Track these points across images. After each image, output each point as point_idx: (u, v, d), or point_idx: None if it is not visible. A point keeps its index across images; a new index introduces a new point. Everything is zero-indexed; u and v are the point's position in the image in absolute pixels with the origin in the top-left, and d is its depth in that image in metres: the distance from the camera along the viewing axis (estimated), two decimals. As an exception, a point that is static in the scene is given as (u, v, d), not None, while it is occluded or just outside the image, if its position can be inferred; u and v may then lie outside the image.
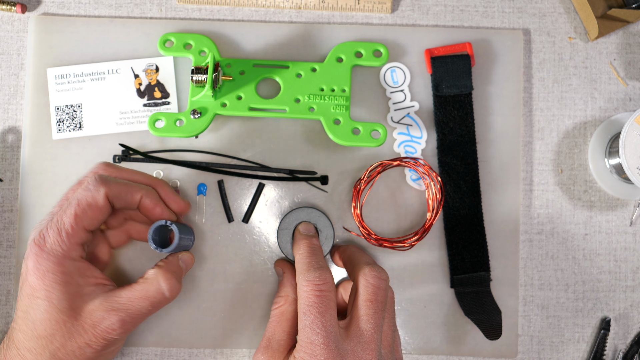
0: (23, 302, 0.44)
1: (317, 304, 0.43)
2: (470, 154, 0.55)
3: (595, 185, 0.57)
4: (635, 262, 0.56)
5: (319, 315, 0.43)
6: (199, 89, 0.53)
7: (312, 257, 0.47)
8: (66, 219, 0.44)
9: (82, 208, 0.45)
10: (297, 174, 0.55)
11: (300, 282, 0.44)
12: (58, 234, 0.44)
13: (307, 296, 0.43)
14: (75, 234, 0.45)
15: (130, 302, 0.45)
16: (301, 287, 0.44)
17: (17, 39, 0.57)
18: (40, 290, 0.43)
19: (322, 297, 0.43)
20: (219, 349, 0.55)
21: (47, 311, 0.43)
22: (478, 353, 0.55)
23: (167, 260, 0.49)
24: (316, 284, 0.44)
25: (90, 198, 0.45)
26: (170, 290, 0.47)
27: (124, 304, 0.45)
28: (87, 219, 0.45)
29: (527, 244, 0.56)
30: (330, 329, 0.42)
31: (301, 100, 0.54)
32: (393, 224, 0.55)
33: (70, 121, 0.55)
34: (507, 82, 0.56)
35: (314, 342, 0.42)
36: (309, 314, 0.43)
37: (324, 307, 0.43)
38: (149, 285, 0.47)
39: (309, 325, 0.42)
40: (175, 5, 0.57)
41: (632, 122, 0.51)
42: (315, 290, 0.44)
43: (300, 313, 0.43)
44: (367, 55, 0.55)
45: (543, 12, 0.58)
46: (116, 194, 0.46)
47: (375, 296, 0.44)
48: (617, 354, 0.56)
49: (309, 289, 0.44)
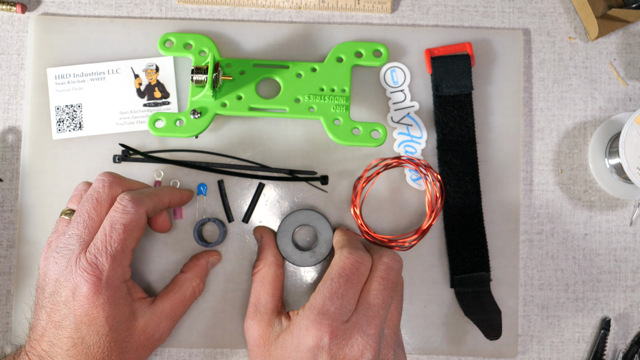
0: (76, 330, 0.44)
1: (348, 277, 0.44)
2: (470, 153, 0.55)
3: (595, 185, 0.57)
4: (635, 262, 0.56)
5: (345, 288, 0.44)
6: (199, 89, 0.53)
7: (359, 243, 0.50)
8: (117, 246, 0.45)
9: (129, 232, 0.45)
10: (297, 174, 0.55)
11: (344, 251, 0.46)
12: (113, 261, 0.44)
13: (344, 266, 0.45)
14: (126, 257, 0.46)
15: (173, 309, 0.49)
16: (342, 257, 0.46)
17: (17, 39, 0.57)
18: (99, 317, 0.44)
19: (356, 274, 0.45)
20: (219, 349, 0.55)
21: (106, 335, 0.44)
22: (478, 353, 0.55)
23: (196, 263, 0.52)
24: (358, 261, 0.45)
25: (134, 221, 0.46)
26: (200, 291, 0.52)
27: (169, 313, 0.49)
28: (134, 241, 0.47)
29: (527, 244, 0.56)
30: (347, 305, 0.44)
31: (301, 100, 0.54)
32: (393, 223, 0.55)
33: (70, 121, 0.55)
34: (507, 82, 0.56)
35: (326, 310, 0.43)
36: (336, 281, 0.44)
37: (352, 283, 0.44)
38: (185, 290, 0.50)
39: (329, 292, 0.44)
40: (175, 5, 0.57)
41: (632, 122, 0.51)
42: (354, 265, 0.45)
43: (328, 276, 0.45)
44: (367, 55, 0.55)
45: (543, 12, 0.58)
46: (153, 208, 0.48)
47: (387, 274, 0.46)
48: (617, 354, 0.56)
49: (351, 261, 0.45)
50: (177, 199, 0.51)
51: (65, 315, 0.44)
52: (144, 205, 0.47)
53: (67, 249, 0.45)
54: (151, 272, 0.54)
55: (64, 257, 0.45)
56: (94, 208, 0.46)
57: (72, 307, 0.44)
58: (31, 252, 0.54)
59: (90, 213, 0.46)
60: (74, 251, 0.45)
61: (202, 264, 0.52)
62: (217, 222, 0.54)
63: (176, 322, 0.50)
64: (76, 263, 0.44)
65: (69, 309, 0.44)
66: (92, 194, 0.47)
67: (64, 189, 0.55)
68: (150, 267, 0.54)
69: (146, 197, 0.47)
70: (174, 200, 0.51)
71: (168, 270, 0.54)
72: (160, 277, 0.54)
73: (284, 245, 0.53)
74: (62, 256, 0.45)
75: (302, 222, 0.53)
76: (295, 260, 0.53)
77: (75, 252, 0.45)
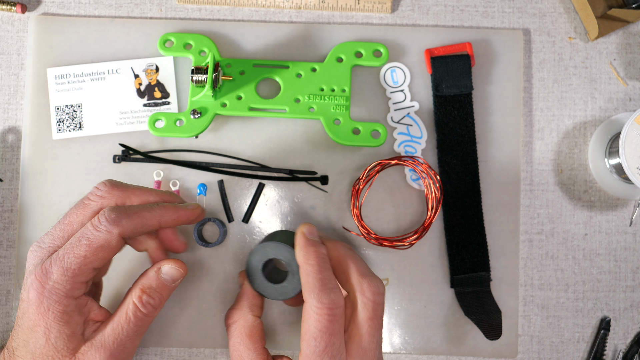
0: (23, 331, 0.43)
1: (329, 330, 0.41)
2: (470, 154, 0.55)
3: (595, 185, 0.57)
4: (635, 262, 0.56)
5: (330, 342, 0.41)
6: (199, 89, 0.53)
7: (324, 273, 0.44)
8: (74, 260, 0.42)
9: (92, 250, 0.42)
10: (297, 174, 0.55)
11: (312, 302, 0.42)
12: (63, 273, 0.42)
13: (320, 320, 0.41)
14: (82, 273, 0.43)
15: (116, 333, 0.44)
16: (313, 308, 0.42)
17: (17, 39, 0.57)
18: (40, 325, 0.42)
19: (335, 323, 0.42)
20: (219, 349, 0.55)
21: (44, 347, 0.42)
22: (478, 353, 0.55)
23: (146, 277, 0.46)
24: (330, 309, 0.42)
25: (102, 240, 0.43)
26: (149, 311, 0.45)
27: (113, 338, 0.43)
28: (97, 261, 0.43)
29: (527, 244, 0.56)
30: (339, 356, 0.41)
31: (301, 100, 0.54)
32: (393, 223, 0.55)
33: (70, 121, 0.55)
34: (507, 82, 0.56)
35: None
36: (319, 340, 0.41)
37: (335, 333, 0.42)
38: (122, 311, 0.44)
39: (319, 352, 0.41)
40: (175, 5, 0.57)
41: (632, 122, 0.51)
42: (329, 315, 0.41)
43: (309, 336, 0.41)
44: (367, 55, 0.55)
45: (543, 12, 0.58)
46: (132, 230, 0.44)
47: (375, 313, 0.43)
48: (617, 354, 0.56)
49: (324, 312, 0.41)
50: (171, 220, 0.46)
51: (22, 313, 0.43)
52: (119, 226, 0.43)
53: (39, 245, 0.44)
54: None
55: (34, 253, 0.44)
56: (76, 214, 0.45)
57: (25, 308, 0.43)
58: (31, 252, 0.54)
59: (71, 218, 0.45)
60: (42, 249, 0.44)
61: (147, 274, 0.46)
62: (217, 222, 0.54)
63: (127, 347, 0.44)
64: (38, 264, 0.43)
65: (23, 308, 0.43)
66: (82, 199, 0.46)
67: (64, 189, 0.55)
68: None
69: (126, 218, 0.43)
70: (166, 221, 0.46)
71: (168, 270, 0.54)
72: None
73: (258, 283, 0.47)
74: (33, 252, 0.44)
75: (269, 256, 0.47)
76: (273, 294, 0.47)
77: (42, 252, 0.44)
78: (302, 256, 0.45)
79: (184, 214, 0.47)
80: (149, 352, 0.54)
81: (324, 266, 0.44)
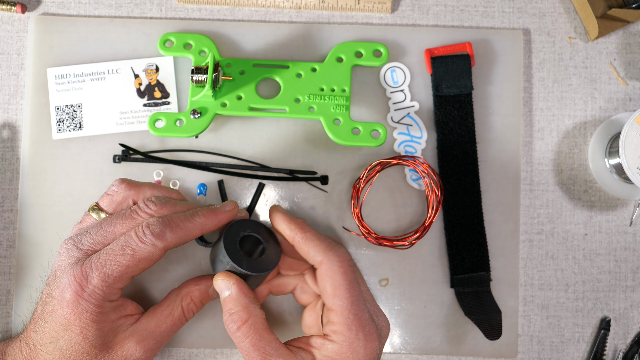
0: (53, 328, 0.44)
1: (355, 279, 0.43)
2: (470, 154, 0.55)
3: (595, 185, 0.57)
4: (635, 262, 0.56)
5: (359, 290, 0.43)
6: (199, 89, 0.53)
7: (322, 236, 0.46)
8: (116, 268, 0.43)
9: (136, 261, 0.43)
10: (297, 174, 0.55)
11: (332, 258, 0.44)
12: (104, 279, 0.43)
13: (346, 272, 0.43)
14: (121, 280, 0.44)
15: (158, 327, 0.46)
16: (335, 263, 0.44)
17: (17, 39, 0.57)
18: (75, 325, 0.43)
19: (356, 271, 0.44)
20: (219, 349, 0.55)
21: (79, 345, 0.43)
22: (478, 353, 0.55)
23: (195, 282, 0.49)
24: (349, 260, 0.44)
25: (146, 252, 0.43)
26: (192, 313, 0.48)
27: (153, 331, 0.46)
28: (138, 270, 0.44)
29: (527, 244, 0.56)
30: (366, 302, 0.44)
31: (301, 100, 0.54)
32: (393, 223, 0.55)
33: (70, 121, 0.55)
34: (507, 82, 0.56)
35: (362, 317, 0.42)
36: (352, 289, 0.43)
37: (358, 279, 0.44)
38: (173, 309, 0.47)
39: (354, 301, 0.42)
40: (175, 5, 0.57)
41: (632, 122, 0.51)
42: (350, 266, 0.44)
43: (342, 289, 0.43)
44: (367, 55, 0.55)
45: (543, 12, 0.58)
46: (174, 244, 0.45)
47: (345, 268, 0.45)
48: (617, 354, 0.56)
49: (346, 264, 0.44)
50: (212, 227, 0.46)
51: (51, 310, 0.44)
52: (164, 241, 0.44)
53: (76, 245, 0.45)
54: (151, 272, 0.54)
55: (70, 252, 0.45)
56: (122, 225, 0.45)
57: (57, 305, 0.43)
58: (31, 252, 0.54)
59: (116, 228, 0.45)
60: (80, 250, 0.44)
61: (200, 285, 0.48)
62: None
63: (162, 342, 0.46)
64: (75, 264, 0.44)
65: (54, 306, 0.44)
66: (130, 212, 0.46)
67: (64, 189, 0.55)
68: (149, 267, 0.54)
69: (170, 231, 0.44)
70: (209, 228, 0.46)
71: (167, 271, 0.54)
72: (159, 278, 0.54)
73: (239, 260, 0.46)
74: (69, 250, 0.45)
75: (245, 232, 0.48)
76: (253, 269, 0.46)
77: (80, 253, 0.44)
78: (295, 228, 0.47)
79: (224, 217, 0.47)
80: (149, 352, 0.54)
81: (319, 234, 0.47)
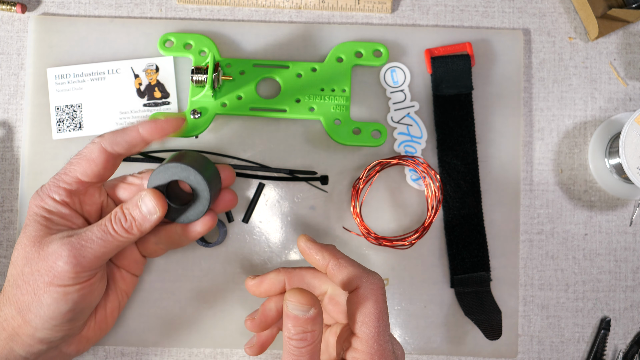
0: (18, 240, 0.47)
1: (385, 310, 0.42)
2: (470, 153, 0.55)
3: (595, 185, 0.57)
4: (635, 262, 0.56)
5: (387, 321, 0.42)
6: (199, 89, 0.53)
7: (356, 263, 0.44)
8: (65, 168, 0.46)
9: (79, 159, 0.46)
10: (297, 174, 0.55)
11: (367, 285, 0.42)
12: (54, 178, 0.46)
13: (378, 301, 0.42)
14: (69, 179, 0.46)
15: (81, 236, 0.45)
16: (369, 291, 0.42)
17: (17, 39, 0.57)
18: (25, 223, 0.46)
19: (386, 302, 0.43)
20: (219, 349, 0.55)
21: (19, 238, 0.46)
22: (478, 353, 0.55)
23: (129, 200, 0.47)
24: (382, 288, 0.42)
25: (88, 151, 0.46)
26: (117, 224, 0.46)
27: (76, 238, 0.45)
28: (80, 170, 0.46)
29: (527, 244, 0.56)
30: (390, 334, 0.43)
31: (301, 100, 0.54)
32: (393, 223, 0.55)
33: (70, 121, 0.55)
34: (507, 82, 0.56)
35: (385, 349, 0.41)
36: (381, 319, 0.41)
37: (387, 311, 0.43)
38: (98, 223, 0.46)
39: (381, 332, 0.41)
40: (175, 5, 0.57)
41: (632, 122, 0.51)
42: (383, 295, 0.42)
43: (371, 318, 0.41)
44: (367, 55, 0.55)
45: (543, 12, 0.58)
46: (112, 141, 0.46)
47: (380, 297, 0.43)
48: (617, 354, 0.56)
49: (379, 293, 0.42)
50: (150, 128, 0.46)
51: None
52: (103, 139, 0.46)
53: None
54: (151, 272, 0.54)
55: None
56: None
57: None
58: (31, 252, 0.54)
59: None
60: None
61: (132, 198, 0.47)
62: (217, 222, 0.54)
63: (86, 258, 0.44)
64: None
65: None
66: None
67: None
68: (149, 267, 0.54)
69: (112, 133, 0.46)
70: (146, 130, 0.46)
71: (167, 271, 0.54)
72: (159, 278, 0.54)
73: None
74: None
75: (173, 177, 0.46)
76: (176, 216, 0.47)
77: None
78: (328, 255, 0.45)
79: (161, 121, 0.47)
80: (149, 352, 0.54)
81: (349, 257, 0.45)
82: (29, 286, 0.44)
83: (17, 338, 0.45)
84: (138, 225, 0.46)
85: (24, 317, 0.44)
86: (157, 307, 0.54)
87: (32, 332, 0.44)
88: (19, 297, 0.44)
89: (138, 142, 0.46)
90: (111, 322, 0.51)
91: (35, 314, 0.44)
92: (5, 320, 0.45)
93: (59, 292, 0.44)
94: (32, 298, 0.44)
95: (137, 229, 0.46)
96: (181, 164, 0.46)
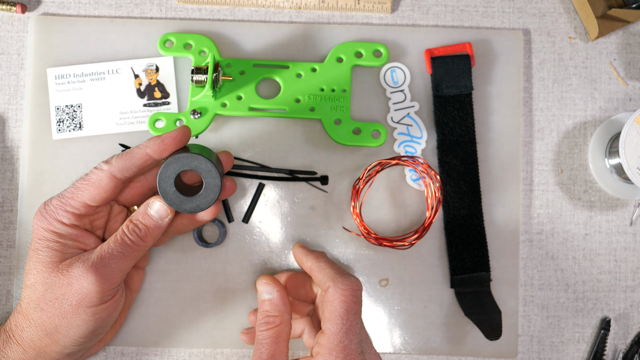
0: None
1: (354, 310, 0.44)
2: (470, 154, 0.55)
3: (595, 185, 0.57)
4: (635, 262, 0.56)
5: (355, 321, 0.44)
6: (199, 89, 0.53)
7: (336, 265, 0.48)
8: (70, 191, 0.47)
9: (86, 185, 0.46)
10: (297, 174, 0.55)
11: (338, 285, 0.45)
12: (58, 199, 0.46)
13: (346, 301, 0.44)
14: (75, 203, 0.46)
15: (100, 251, 0.46)
16: (338, 291, 0.45)
17: (17, 39, 0.57)
18: (32, 244, 0.46)
19: (358, 304, 0.45)
20: (219, 349, 0.55)
21: (32, 261, 0.46)
22: (478, 353, 0.55)
23: (137, 211, 0.48)
24: (354, 289, 0.45)
25: (96, 177, 0.46)
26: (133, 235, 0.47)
27: (96, 254, 0.45)
28: (88, 195, 0.46)
29: (527, 244, 0.56)
30: (360, 334, 0.45)
31: (301, 100, 0.54)
32: (393, 224, 0.55)
33: (70, 121, 0.55)
34: (507, 82, 0.56)
35: (348, 347, 0.43)
36: (346, 319, 0.44)
37: (358, 313, 0.45)
38: (112, 237, 0.47)
39: (346, 330, 0.44)
40: (175, 5, 0.57)
41: (632, 122, 0.51)
42: (353, 296, 0.45)
43: (335, 315, 0.44)
44: (367, 55, 0.55)
45: (543, 12, 0.58)
46: (121, 167, 0.46)
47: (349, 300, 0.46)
48: (617, 354, 0.56)
49: (348, 294, 0.45)
50: (157, 146, 0.46)
51: None
52: (110, 165, 0.46)
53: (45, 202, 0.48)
54: (151, 272, 0.54)
55: None
56: None
57: None
58: (31, 252, 0.54)
59: None
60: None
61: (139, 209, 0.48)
62: (217, 222, 0.54)
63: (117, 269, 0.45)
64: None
65: None
66: None
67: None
68: (149, 267, 0.54)
69: (116, 157, 0.47)
70: (154, 149, 0.46)
71: (168, 271, 0.54)
72: (159, 278, 0.54)
73: (171, 196, 0.46)
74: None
75: (184, 167, 0.46)
76: (187, 207, 0.47)
77: None
78: (311, 258, 0.49)
79: (167, 137, 0.47)
80: (149, 352, 0.54)
81: (333, 263, 0.48)
82: (55, 310, 0.45)
83: (45, 355, 0.46)
84: (152, 232, 0.47)
85: (52, 338, 0.45)
86: (157, 307, 0.54)
87: (61, 350, 0.46)
88: (45, 320, 0.45)
89: (148, 164, 0.47)
90: (123, 320, 0.53)
91: (64, 334, 0.45)
92: (32, 341, 0.46)
93: (88, 313, 0.45)
94: (60, 321, 0.45)
95: (152, 236, 0.47)
96: (191, 154, 0.46)
